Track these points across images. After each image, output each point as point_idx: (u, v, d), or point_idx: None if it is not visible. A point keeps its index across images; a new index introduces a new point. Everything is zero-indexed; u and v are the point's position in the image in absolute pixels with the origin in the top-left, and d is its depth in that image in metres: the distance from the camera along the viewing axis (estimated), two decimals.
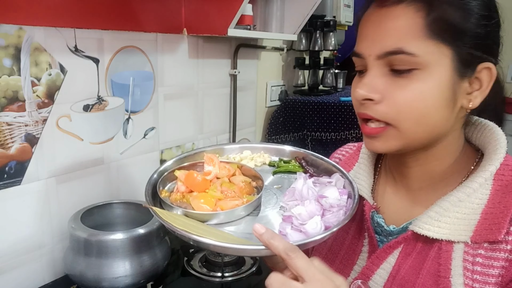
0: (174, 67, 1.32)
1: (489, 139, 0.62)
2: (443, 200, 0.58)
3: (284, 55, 1.92)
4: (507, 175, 0.58)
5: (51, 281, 1.04)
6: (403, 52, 0.53)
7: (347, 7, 2.04)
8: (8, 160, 0.92)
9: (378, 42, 0.55)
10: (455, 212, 0.57)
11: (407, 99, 0.54)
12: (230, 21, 1.22)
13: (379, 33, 0.55)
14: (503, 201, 0.56)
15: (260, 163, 0.78)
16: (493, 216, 0.55)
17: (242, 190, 0.65)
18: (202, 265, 1.09)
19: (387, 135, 0.57)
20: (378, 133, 0.57)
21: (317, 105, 1.72)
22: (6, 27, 0.88)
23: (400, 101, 0.54)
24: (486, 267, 0.54)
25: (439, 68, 0.54)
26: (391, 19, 0.54)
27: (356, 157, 0.76)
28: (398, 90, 0.54)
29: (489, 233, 0.54)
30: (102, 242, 0.89)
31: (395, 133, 0.56)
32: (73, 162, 1.06)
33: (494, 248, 0.54)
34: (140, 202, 1.07)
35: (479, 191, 0.57)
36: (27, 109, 0.94)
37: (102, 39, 1.08)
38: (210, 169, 0.67)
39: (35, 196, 0.99)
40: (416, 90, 0.54)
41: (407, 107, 0.54)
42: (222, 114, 1.58)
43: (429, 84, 0.54)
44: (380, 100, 0.56)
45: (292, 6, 1.57)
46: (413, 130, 0.56)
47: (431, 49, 0.53)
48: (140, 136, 1.25)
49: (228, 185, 0.66)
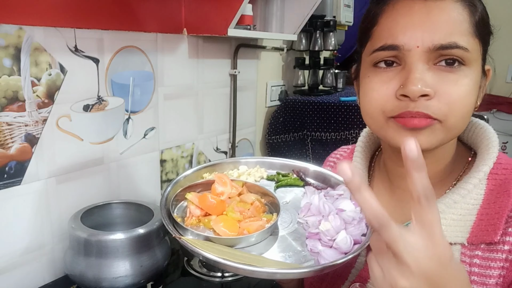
0: (174, 67, 1.32)
1: (481, 138, 0.62)
2: (438, 203, 0.58)
3: (284, 55, 1.92)
4: (501, 174, 0.58)
5: (51, 281, 1.04)
6: (458, 46, 0.52)
7: (347, 7, 2.04)
8: (8, 160, 0.92)
9: (430, 34, 0.52)
10: (451, 214, 0.57)
11: (460, 94, 0.53)
12: (230, 21, 1.22)
13: (430, 24, 0.52)
14: (497, 201, 0.56)
15: (259, 178, 0.75)
16: (488, 217, 0.55)
17: (259, 209, 0.62)
18: (202, 265, 1.09)
19: (433, 128, 0.54)
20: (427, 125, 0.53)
21: (317, 105, 1.72)
22: (6, 27, 0.88)
23: (454, 96, 0.52)
24: (484, 268, 0.54)
25: (477, 66, 0.55)
26: (441, 11, 0.52)
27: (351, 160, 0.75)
28: (451, 85, 0.53)
29: (485, 234, 0.54)
30: (102, 242, 0.89)
31: (440, 128, 0.54)
32: (73, 162, 1.06)
33: (491, 249, 0.54)
34: (140, 202, 1.07)
35: (473, 191, 0.57)
36: (27, 109, 0.94)
37: (102, 39, 1.08)
38: (223, 189, 0.63)
39: (35, 196, 0.99)
40: (466, 86, 0.53)
41: (459, 103, 0.53)
42: (222, 114, 1.58)
43: (473, 80, 0.54)
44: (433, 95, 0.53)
45: (292, 6, 1.57)
46: (458, 125, 0.55)
47: (476, 47, 0.54)
48: (140, 136, 1.25)
49: (242, 205, 0.62)
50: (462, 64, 0.53)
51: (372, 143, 0.75)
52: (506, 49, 2.62)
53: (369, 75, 0.58)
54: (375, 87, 0.57)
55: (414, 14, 0.53)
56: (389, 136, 0.57)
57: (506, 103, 2.52)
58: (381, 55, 0.56)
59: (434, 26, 0.52)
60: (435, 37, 0.52)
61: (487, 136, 0.61)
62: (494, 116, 2.49)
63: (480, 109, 0.67)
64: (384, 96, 0.56)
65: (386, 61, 0.56)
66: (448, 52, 0.52)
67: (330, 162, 0.81)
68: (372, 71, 0.58)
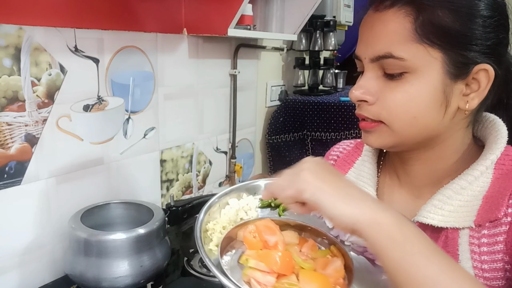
0: (174, 67, 1.32)
1: (490, 130, 0.63)
2: (445, 189, 0.60)
3: (284, 55, 1.92)
4: (508, 165, 0.59)
5: (51, 281, 1.04)
6: (392, 56, 0.55)
7: (347, 7, 2.04)
8: (8, 160, 0.92)
9: (371, 46, 0.58)
10: (458, 200, 0.59)
11: (397, 101, 0.57)
12: (230, 21, 1.22)
13: (372, 37, 0.58)
14: (502, 185, 0.57)
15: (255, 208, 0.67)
16: (493, 199, 0.57)
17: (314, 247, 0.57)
18: (202, 265, 1.09)
19: (380, 131, 0.60)
20: (372, 128, 0.60)
21: (317, 105, 1.72)
22: (6, 27, 0.88)
23: (391, 103, 0.57)
24: (491, 245, 0.55)
25: (429, 71, 0.55)
26: (382, 23, 0.57)
27: (356, 154, 0.76)
28: (389, 93, 0.57)
29: (490, 213, 0.56)
30: (102, 242, 0.89)
31: (387, 130, 0.59)
32: (73, 162, 1.06)
33: (496, 225, 0.56)
34: (140, 202, 1.07)
35: (480, 178, 0.59)
36: (27, 109, 0.94)
37: (102, 39, 1.08)
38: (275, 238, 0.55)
39: (35, 196, 0.99)
40: (405, 92, 0.56)
41: (398, 108, 0.57)
42: (222, 114, 1.58)
43: (418, 87, 0.55)
44: (374, 102, 0.58)
45: (292, 6, 1.57)
46: (405, 130, 0.58)
47: (421, 53, 0.54)
48: (140, 136, 1.25)
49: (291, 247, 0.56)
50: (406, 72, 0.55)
51: None
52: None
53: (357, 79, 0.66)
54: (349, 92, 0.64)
55: (365, 28, 0.60)
56: None
57: None
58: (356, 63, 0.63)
59: (376, 38, 0.57)
60: (374, 48, 0.57)
61: (496, 128, 0.62)
62: None
63: None
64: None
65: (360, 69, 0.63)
66: (385, 62, 0.56)
67: (334, 156, 0.81)
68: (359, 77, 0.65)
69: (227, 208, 0.64)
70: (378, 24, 0.57)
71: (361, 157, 0.74)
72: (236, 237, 0.59)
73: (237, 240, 0.59)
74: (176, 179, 1.42)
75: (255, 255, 0.52)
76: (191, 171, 1.48)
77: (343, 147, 0.81)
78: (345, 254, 0.56)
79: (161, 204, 1.36)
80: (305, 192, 0.49)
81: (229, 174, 1.68)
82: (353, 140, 0.82)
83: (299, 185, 0.50)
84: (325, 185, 0.50)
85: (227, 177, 1.68)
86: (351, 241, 0.60)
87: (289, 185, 0.51)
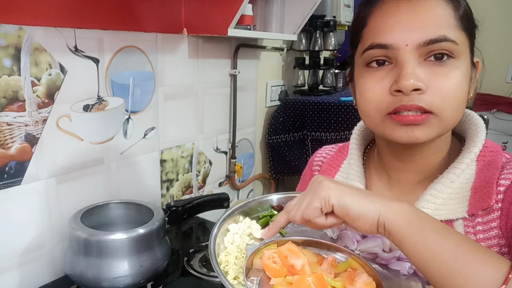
0: (174, 67, 1.32)
1: (469, 124, 0.66)
2: (436, 183, 0.61)
3: (284, 55, 1.92)
4: (488, 156, 0.62)
5: (51, 281, 1.04)
6: (447, 39, 0.55)
7: (347, 7, 2.04)
8: (8, 160, 0.92)
9: (418, 31, 0.55)
10: (449, 193, 0.61)
11: (451, 87, 0.55)
12: (230, 21, 1.22)
13: (417, 22, 0.55)
14: (487, 175, 0.60)
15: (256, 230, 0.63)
16: (481, 189, 0.59)
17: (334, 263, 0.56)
18: (202, 265, 1.09)
19: (429, 123, 0.56)
20: (423, 120, 0.56)
21: (317, 105, 1.72)
22: (6, 27, 0.88)
23: (446, 89, 0.55)
24: (487, 231, 0.58)
25: (465, 58, 0.57)
26: (427, 9, 0.55)
27: (340, 158, 0.76)
28: (442, 79, 0.55)
29: (481, 202, 0.58)
30: (102, 242, 0.89)
31: (436, 121, 0.57)
32: (73, 162, 1.06)
33: (488, 212, 0.58)
34: (140, 202, 1.07)
35: (466, 171, 0.61)
36: (27, 109, 0.94)
37: (102, 39, 1.08)
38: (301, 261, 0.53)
39: (35, 196, 0.99)
40: (457, 78, 0.56)
41: (451, 95, 0.56)
42: (222, 114, 1.58)
43: (463, 72, 0.57)
44: (426, 89, 0.55)
45: (292, 6, 1.57)
46: (453, 117, 0.58)
47: (463, 40, 0.57)
48: (140, 136, 1.25)
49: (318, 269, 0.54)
50: (451, 57, 0.56)
51: (364, 140, 0.76)
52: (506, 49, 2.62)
53: (362, 75, 0.61)
54: (369, 87, 0.59)
55: (401, 14, 0.56)
56: (387, 133, 0.59)
57: (506, 103, 2.52)
58: (372, 53, 0.58)
59: (422, 23, 0.55)
60: (423, 33, 0.55)
61: (474, 122, 0.65)
62: (494, 116, 2.49)
63: (480, 109, 0.68)
64: (379, 95, 0.58)
65: (378, 60, 0.59)
66: (438, 46, 0.55)
67: (318, 162, 0.81)
68: (365, 71, 0.60)
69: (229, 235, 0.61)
70: (423, 10, 0.55)
71: (346, 160, 0.74)
72: (252, 266, 0.56)
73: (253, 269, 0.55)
74: (176, 179, 1.42)
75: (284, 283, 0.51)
76: (191, 171, 1.48)
77: (325, 152, 0.81)
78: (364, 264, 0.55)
79: (161, 204, 1.36)
80: (332, 198, 0.51)
81: (229, 174, 1.68)
82: (334, 145, 0.82)
83: (324, 193, 0.52)
84: (347, 189, 0.53)
85: (227, 177, 1.68)
86: (360, 249, 0.59)
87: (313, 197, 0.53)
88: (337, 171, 0.74)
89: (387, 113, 0.58)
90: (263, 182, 1.96)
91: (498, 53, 2.39)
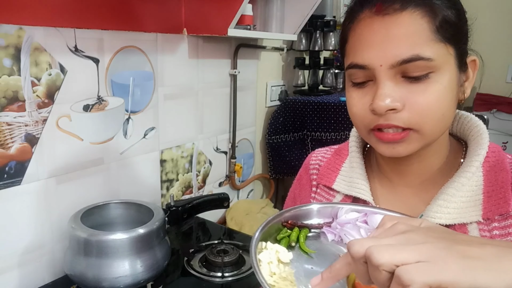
0: (174, 67, 1.32)
1: (469, 127, 0.65)
2: (447, 187, 0.61)
3: (284, 55, 1.92)
4: (492, 157, 0.62)
5: (51, 281, 1.04)
6: (421, 58, 0.53)
7: (347, 7, 2.04)
8: (8, 160, 0.92)
9: (390, 51, 0.54)
10: (460, 197, 0.60)
11: (430, 102, 0.55)
12: (230, 21, 1.22)
13: (390, 41, 0.54)
14: (498, 178, 0.60)
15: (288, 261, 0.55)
16: (495, 193, 0.59)
17: None
18: (202, 265, 1.09)
19: (410, 139, 0.57)
20: (403, 138, 0.57)
21: (317, 105, 1.72)
22: (6, 27, 0.88)
23: (423, 105, 0.55)
24: (504, 236, 0.57)
25: (448, 68, 0.56)
26: (399, 26, 0.54)
27: (338, 161, 0.75)
28: (419, 96, 0.55)
29: (498, 207, 0.58)
30: (102, 242, 0.89)
31: (416, 136, 0.57)
32: (73, 162, 1.06)
33: (506, 217, 0.58)
34: (140, 202, 1.07)
35: (476, 174, 0.61)
36: (27, 109, 0.94)
37: (102, 39, 1.08)
38: None
39: (35, 196, 0.99)
40: (435, 92, 0.55)
41: (430, 110, 0.55)
42: (222, 114, 1.58)
43: (444, 85, 0.55)
44: (401, 109, 0.55)
45: (292, 6, 1.57)
46: (434, 130, 0.57)
47: (442, 51, 0.55)
48: (140, 136, 1.25)
49: None
50: (431, 72, 0.54)
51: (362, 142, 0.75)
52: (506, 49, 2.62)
53: (349, 90, 0.61)
54: (353, 103, 0.60)
55: (375, 33, 0.55)
56: (373, 146, 0.61)
57: (506, 103, 2.52)
58: (352, 72, 0.59)
59: (395, 42, 0.54)
60: (396, 53, 0.54)
61: (475, 124, 0.65)
62: (494, 116, 2.49)
63: (480, 109, 0.68)
64: (361, 111, 0.59)
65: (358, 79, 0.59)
66: (412, 66, 0.53)
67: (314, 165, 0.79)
68: (351, 87, 0.61)
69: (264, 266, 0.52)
70: (395, 28, 0.54)
71: (346, 163, 0.73)
72: None
73: None
74: (176, 179, 1.42)
75: None
76: (191, 171, 1.48)
77: (321, 155, 0.80)
78: None
79: (161, 204, 1.36)
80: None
81: (229, 174, 1.68)
82: (327, 148, 0.81)
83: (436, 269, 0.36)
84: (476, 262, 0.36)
85: (227, 177, 1.68)
86: None
87: None
88: (337, 175, 0.73)
89: (370, 128, 0.59)
90: (263, 182, 1.96)
91: (498, 53, 2.39)
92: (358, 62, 0.57)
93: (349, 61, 0.59)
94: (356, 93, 0.59)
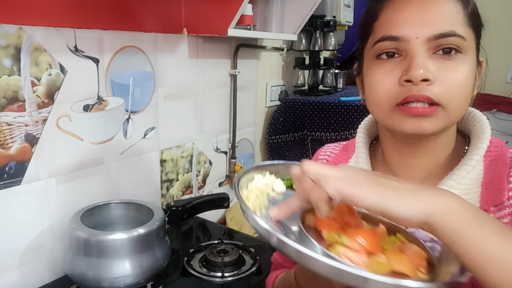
0: (174, 67, 1.32)
1: (473, 121, 0.67)
2: (447, 180, 0.62)
3: (284, 55, 1.92)
4: (493, 151, 0.63)
5: (51, 281, 1.04)
6: (455, 34, 0.56)
7: (347, 7, 2.04)
8: (8, 160, 0.92)
9: (428, 25, 0.56)
10: (459, 189, 0.61)
11: (459, 80, 0.57)
12: (230, 21, 1.22)
13: (428, 17, 0.57)
14: (496, 171, 0.61)
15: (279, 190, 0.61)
16: (492, 185, 0.60)
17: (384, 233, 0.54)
18: (202, 265, 1.09)
19: (437, 115, 0.57)
20: (431, 112, 0.57)
21: (317, 105, 1.72)
22: (6, 27, 0.88)
23: (453, 82, 0.56)
24: None
25: (472, 54, 0.59)
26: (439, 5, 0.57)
27: (345, 157, 0.76)
28: (450, 72, 0.57)
29: (494, 198, 0.59)
30: (102, 242, 0.89)
31: (443, 113, 0.58)
32: (73, 162, 1.06)
33: (500, 208, 0.58)
34: (140, 202, 1.07)
35: (476, 167, 0.62)
36: (27, 109, 0.94)
37: (102, 39, 1.08)
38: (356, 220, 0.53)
39: (35, 196, 0.99)
40: (464, 72, 0.57)
41: (459, 88, 0.57)
42: (222, 114, 1.58)
43: (470, 67, 0.58)
44: (434, 81, 0.56)
45: (292, 6, 1.57)
46: (459, 110, 0.59)
47: (470, 36, 0.58)
48: (140, 136, 1.25)
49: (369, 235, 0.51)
50: (459, 52, 0.57)
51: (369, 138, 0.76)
52: (506, 49, 2.62)
53: (372, 67, 0.62)
54: (379, 78, 0.60)
55: (412, 9, 0.58)
56: (395, 124, 0.60)
57: (506, 103, 2.52)
58: (383, 45, 0.60)
59: (432, 18, 0.57)
60: (433, 27, 0.56)
61: (478, 119, 0.66)
62: (494, 116, 2.49)
63: (480, 109, 0.69)
64: (388, 85, 0.59)
65: (388, 52, 0.60)
66: (447, 40, 0.56)
67: (323, 160, 0.80)
68: (375, 63, 0.61)
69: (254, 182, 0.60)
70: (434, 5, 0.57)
71: (353, 159, 0.74)
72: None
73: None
74: (176, 179, 1.42)
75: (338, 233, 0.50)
76: (191, 171, 1.48)
77: (329, 151, 0.81)
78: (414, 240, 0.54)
79: (161, 204, 1.36)
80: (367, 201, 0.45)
81: (229, 174, 1.68)
82: (337, 143, 0.82)
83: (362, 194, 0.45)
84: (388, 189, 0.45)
85: (227, 177, 1.68)
86: None
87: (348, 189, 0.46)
88: None
89: (396, 104, 0.59)
90: None
91: (499, 53, 2.39)
92: (392, 34, 0.58)
93: (379, 35, 0.60)
94: (382, 69, 0.60)
